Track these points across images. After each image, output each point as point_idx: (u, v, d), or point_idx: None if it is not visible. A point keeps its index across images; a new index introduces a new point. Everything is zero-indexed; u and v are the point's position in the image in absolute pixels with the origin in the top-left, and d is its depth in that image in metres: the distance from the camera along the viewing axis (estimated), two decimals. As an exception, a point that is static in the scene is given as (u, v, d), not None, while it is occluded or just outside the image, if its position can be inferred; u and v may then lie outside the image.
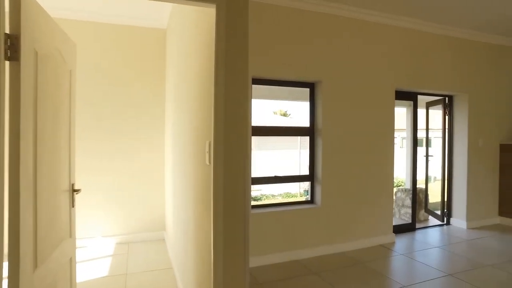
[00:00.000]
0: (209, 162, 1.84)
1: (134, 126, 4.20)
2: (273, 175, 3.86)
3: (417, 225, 4.90)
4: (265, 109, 15.14)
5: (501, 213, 5.20)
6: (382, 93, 4.17)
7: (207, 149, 1.88)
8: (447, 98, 5.06)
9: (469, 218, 4.90)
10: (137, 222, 4.24)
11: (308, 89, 3.95)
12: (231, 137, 1.76)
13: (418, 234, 4.61)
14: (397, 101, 4.43)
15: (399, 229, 4.64)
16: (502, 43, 5.15)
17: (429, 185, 5.56)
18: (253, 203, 3.73)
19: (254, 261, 3.45)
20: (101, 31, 4.06)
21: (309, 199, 3.96)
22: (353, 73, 3.98)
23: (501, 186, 5.20)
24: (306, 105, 4.01)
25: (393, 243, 4.21)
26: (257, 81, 3.60)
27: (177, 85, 3.23)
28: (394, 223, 4.39)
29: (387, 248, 4.01)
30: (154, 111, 4.29)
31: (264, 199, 11.72)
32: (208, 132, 1.90)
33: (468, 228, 4.87)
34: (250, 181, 2.51)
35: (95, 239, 4.07)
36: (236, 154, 1.78)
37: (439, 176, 5.31)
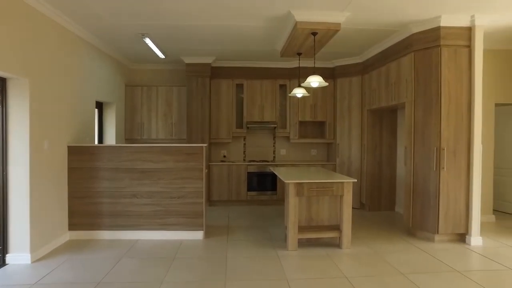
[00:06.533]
0: None
1: None
2: None
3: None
4: None
5: (71, 226, 4.41)
6: None
7: None
8: (-3, 81, 3.47)
9: (34, 248, 3.63)
10: None
11: None
12: None
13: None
14: None
15: None
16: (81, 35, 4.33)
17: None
18: None
19: None
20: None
21: None
22: None
23: (70, 195, 4.41)
24: None
25: None
26: None
27: None
28: None
29: None
30: None
31: None
32: None
33: (34, 261, 3.59)
34: None
35: None
36: None
37: (-12, 195, 3.59)
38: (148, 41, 5.02)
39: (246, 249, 4.07)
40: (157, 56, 5.96)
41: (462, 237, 4.35)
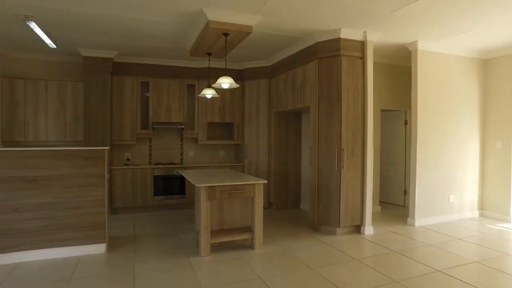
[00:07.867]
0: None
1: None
2: None
3: None
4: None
5: None
6: None
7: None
8: None
9: None
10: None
11: None
12: None
13: None
14: None
15: None
16: None
17: None
18: None
19: None
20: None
21: None
22: None
23: None
24: None
25: None
26: None
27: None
28: None
29: None
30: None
31: None
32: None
33: None
34: None
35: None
36: None
37: None
38: (33, 26, 4.27)
39: (156, 260, 3.79)
40: (47, 45, 5.14)
41: (358, 228, 4.84)
